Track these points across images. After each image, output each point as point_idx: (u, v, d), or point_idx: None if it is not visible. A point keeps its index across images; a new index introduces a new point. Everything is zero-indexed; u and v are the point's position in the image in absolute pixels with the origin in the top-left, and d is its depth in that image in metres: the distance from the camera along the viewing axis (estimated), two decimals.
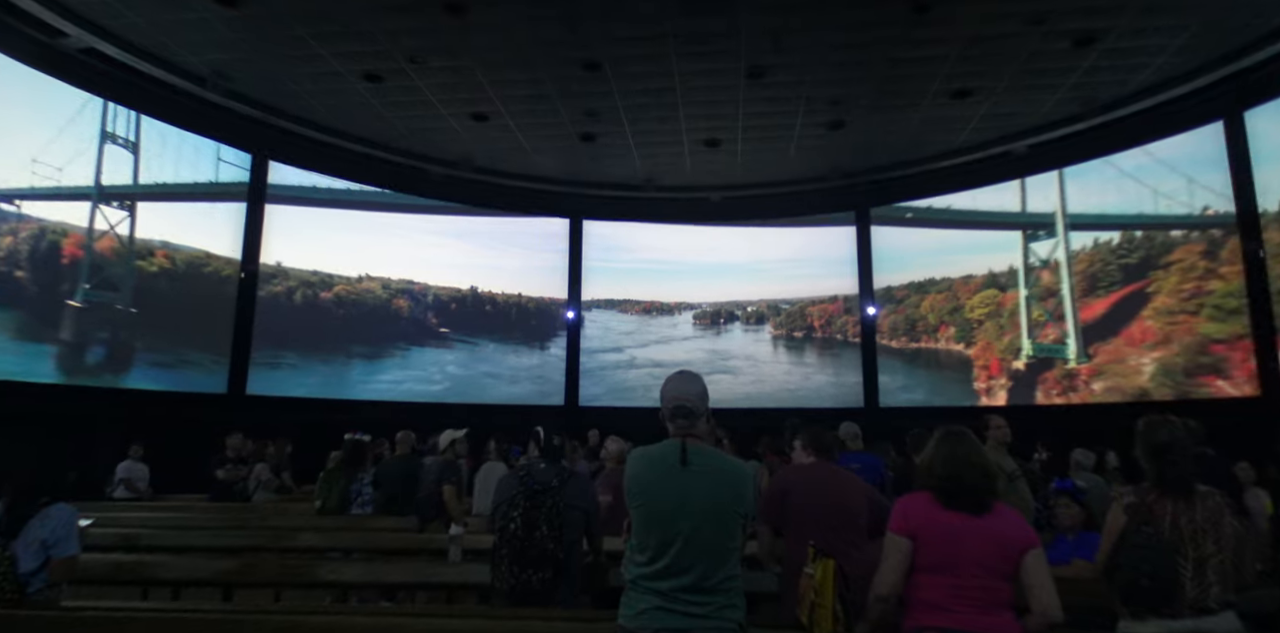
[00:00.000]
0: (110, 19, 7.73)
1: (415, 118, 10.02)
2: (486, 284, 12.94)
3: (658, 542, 2.14)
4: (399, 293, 12.13)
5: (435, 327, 12.47)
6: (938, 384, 12.19)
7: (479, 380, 12.51)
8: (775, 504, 3.22)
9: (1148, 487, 2.53)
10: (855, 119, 9.84)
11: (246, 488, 7.39)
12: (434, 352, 12.41)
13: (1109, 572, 2.52)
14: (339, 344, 11.40)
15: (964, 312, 11.93)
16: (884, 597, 2.24)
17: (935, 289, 12.32)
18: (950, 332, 12.04)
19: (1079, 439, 6.30)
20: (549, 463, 3.31)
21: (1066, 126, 9.82)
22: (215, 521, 5.90)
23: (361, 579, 4.11)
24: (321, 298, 11.19)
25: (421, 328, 12.32)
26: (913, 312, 12.56)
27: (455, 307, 12.72)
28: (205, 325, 9.64)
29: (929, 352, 12.34)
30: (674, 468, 2.18)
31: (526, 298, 13.20)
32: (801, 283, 13.29)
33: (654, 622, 2.10)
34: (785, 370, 13.36)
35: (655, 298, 13.81)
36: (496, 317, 13.02)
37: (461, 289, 12.79)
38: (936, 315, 12.26)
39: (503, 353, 12.88)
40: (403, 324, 12.09)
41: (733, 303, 13.80)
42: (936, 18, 7.35)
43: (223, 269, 9.89)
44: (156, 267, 9.17)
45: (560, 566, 3.07)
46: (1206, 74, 8.41)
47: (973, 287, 11.89)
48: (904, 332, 12.62)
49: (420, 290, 12.39)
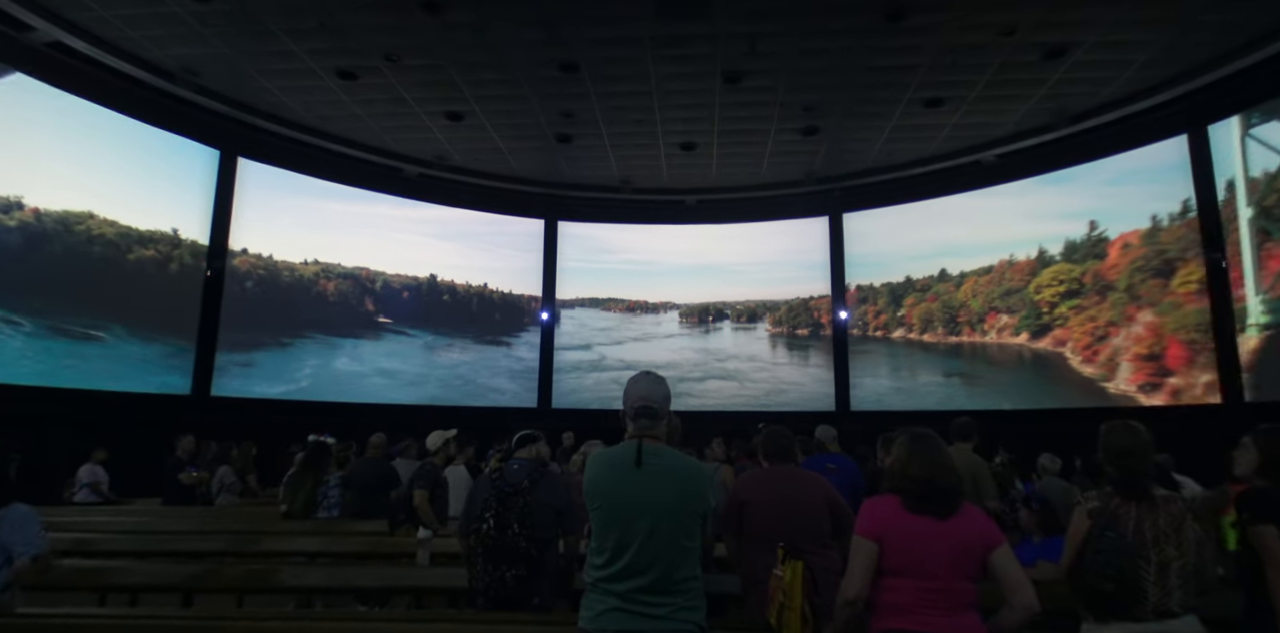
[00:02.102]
0: (77, 12, 7.54)
1: (389, 116, 9.92)
2: (449, 274, 12.26)
3: (615, 543, 2.13)
4: (333, 276, 11.15)
5: (372, 315, 11.57)
6: (1021, 386, 10.48)
7: (409, 375, 11.50)
8: (733, 513, 3.21)
9: (1112, 491, 2.56)
10: (829, 126, 9.94)
11: (209, 491, 7.25)
12: (366, 343, 11.49)
13: (1073, 575, 2.55)
14: (243, 330, 10.14)
15: (1027, 294, 10.34)
16: (851, 600, 2.24)
17: (973, 273, 11.01)
18: (1000, 320, 10.48)
19: None
20: (520, 464, 3.31)
21: (1036, 137, 10.01)
22: (177, 524, 5.76)
23: (326, 584, 4.03)
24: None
25: (352, 316, 11.35)
26: (949, 298, 11.06)
27: (407, 295, 11.76)
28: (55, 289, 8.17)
29: (975, 347, 10.84)
30: (630, 468, 2.18)
31: (493, 290, 12.67)
32: (791, 286, 13.07)
33: (613, 624, 2.09)
34: (787, 370, 12.73)
35: (638, 297, 13.50)
36: (455, 308, 12.28)
37: (419, 277, 12.08)
38: (983, 301, 10.75)
39: (454, 349, 12.38)
40: (328, 310, 10.94)
41: (720, 303, 13.46)
42: (910, 27, 7.46)
43: (98, 229, 8.64)
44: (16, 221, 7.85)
45: (534, 563, 3.08)
46: (1170, 88, 8.62)
47: (1023, 267, 10.44)
48: (943, 322, 11.12)
49: (368, 277, 11.49)
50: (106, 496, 7.33)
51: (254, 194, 10.44)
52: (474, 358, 12.54)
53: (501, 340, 12.70)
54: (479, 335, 12.60)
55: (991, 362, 11.07)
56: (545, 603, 3.19)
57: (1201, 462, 5.51)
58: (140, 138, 9.08)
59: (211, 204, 9.93)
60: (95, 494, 7.25)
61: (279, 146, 10.52)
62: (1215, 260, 8.41)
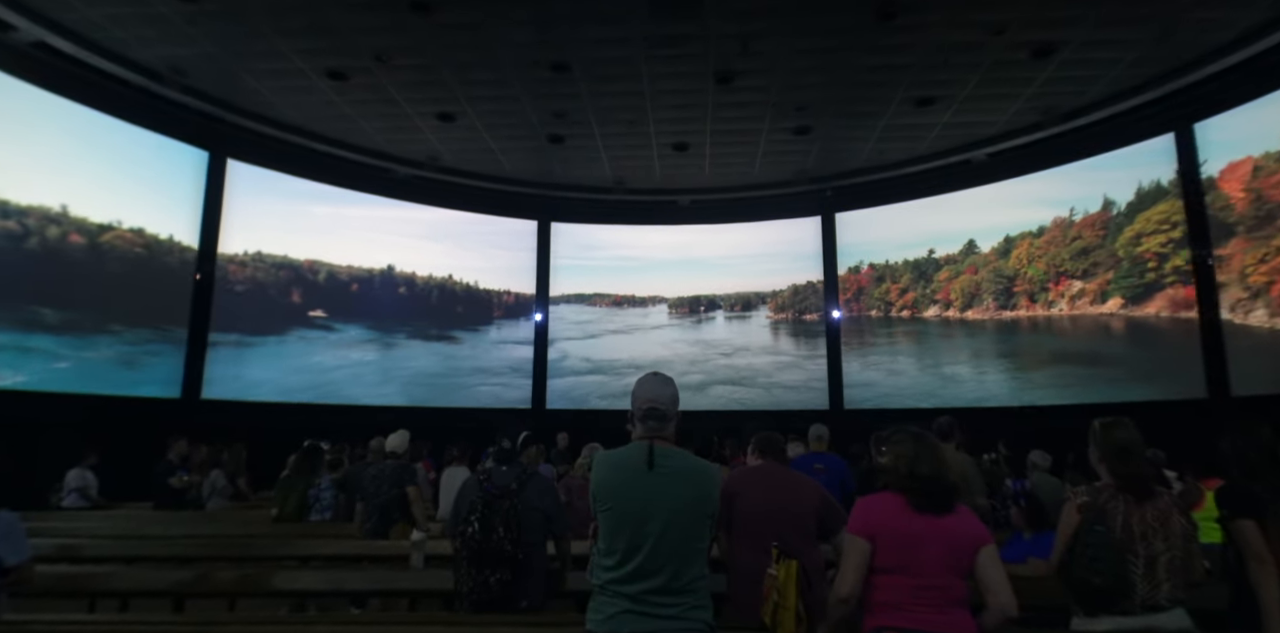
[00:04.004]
0: (63, 12, 7.49)
1: (380, 117, 9.88)
2: (410, 264, 11.58)
3: (626, 545, 2.13)
4: (248, 263, 10.20)
5: (298, 308, 10.73)
6: (1111, 368, 8.56)
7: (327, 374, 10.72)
8: (723, 508, 3.21)
9: (1101, 486, 2.58)
10: (821, 125, 9.96)
11: (200, 495, 7.20)
12: (283, 342, 10.68)
13: (1063, 570, 2.56)
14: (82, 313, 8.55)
15: (1120, 247, 8.76)
16: (845, 598, 2.26)
17: (1022, 237, 9.60)
18: (1072, 287, 8.72)
19: None
20: (509, 466, 3.30)
21: (1026, 135, 10.05)
22: (167, 529, 5.73)
23: (320, 587, 4.01)
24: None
25: (270, 307, 10.41)
26: (1000, 265, 9.59)
27: (357, 287, 10.84)
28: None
29: (1050, 323, 8.95)
30: (641, 471, 2.17)
31: (457, 281, 12.15)
32: (784, 277, 12.87)
33: (624, 626, 2.09)
34: (792, 362, 11.78)
35: (628, 291, 13.25)
36: (412, 301, 11.56)
37: (373, 268, 11.38)
38: (1048, 264, 9.17)
39: (459, 344, 12.23)
40: (226, 301, 9.92)
41: (711, 296, 13.19)
42: (901, 25, 7.48)
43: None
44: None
45: (519, 567, 3.06)
46: (1159, 86, 8.67)
47: (1093, 220, 8.92)
48: (994, 295, 9.60)
49: (309, 267, 10.54)
50: (95, 500, 7.26)
51: (242, 196, 10.38)
52: (469, 352, 12.38)
53: (435, 335, 12.04)
54: (431, 329, 12.16)
55: (1061, 338, 9.28)
56: (534, 605, 3.18)
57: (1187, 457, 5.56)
58: (127, 139, 9.01)
59: (201, 207, 9.87)
60: (84, 499, 7.17)
61: (269, 148, 10.47)
62: (1202, 257, 8.46)
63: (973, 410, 9.75)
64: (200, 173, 9.91)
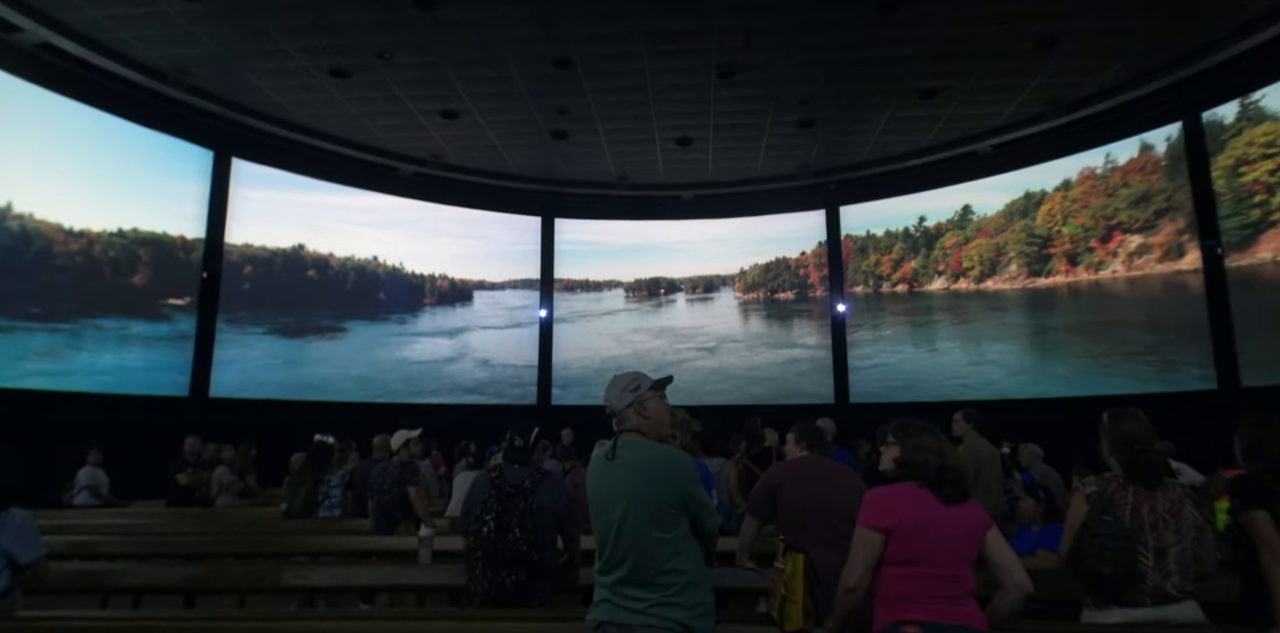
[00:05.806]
0: (67, 13, 7.50)
1: (383, 114, 9.88)
2: (322, 245, 10.83)
3: (599, 536, 2.24)
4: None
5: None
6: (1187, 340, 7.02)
7: None
8: (765, 499, 3.23)
9: (1110, 477, 2.57)
10: (825, 118, 9.92)
11: (209, 493, 7.24)
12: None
13: (1072, 562, 2.55)
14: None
15: (1216, 178, 7.35)
16: (853, 588, 2.24)
17: (1044, 192, 8.04)
18: (1131, 242, 7.19)
19: None
20: (521, 464, 3.25)
21: (1030, 126, 9.99)
22: (177, 526, 5.76)
23: (328, 583, 4.03)
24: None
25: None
26: (1031, 223, 8.17)
27: (251, 269, 9.85)
28: None
29: (1100, 288, 7.51)
30: (605, 462, 2.29)
31: (383, 264, 11.42)
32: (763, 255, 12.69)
33: (600, 615, 2.17)
34: (771, 347, 11.28)
35: (590, 276, 13.00)
36: (322, 286, 10.62)
37: (277, 249, 10.56)
38: (1094, 217, 7.74)
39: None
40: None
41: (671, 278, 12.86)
42: (904, 18, 7.44)
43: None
44: None
45: (534, 568, 3.03)
46: (1164, 76, 8.60)
47: (1142, 163, 7.49)
48: (1023, 260, 8.04)
49: (182, 243, 9.28)
50: (106, 498, 7.31)
51: (248, 194, 10.40)
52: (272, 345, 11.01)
53: (328, 327, 11.11)
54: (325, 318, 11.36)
55: (1118, 306, 7.57)
56: (546, 603, 3.17)
57: (1198, 449, 5.53)
58: (132, 139, 9.03)
59: (206, 205, 9.90)
60: (94, 497, 7.22)
61: (273, 147, 10.48)
62: (1210, 247, 8.40)
63: (993, 403, 9.22)
64: (205, 171, 9.93)
